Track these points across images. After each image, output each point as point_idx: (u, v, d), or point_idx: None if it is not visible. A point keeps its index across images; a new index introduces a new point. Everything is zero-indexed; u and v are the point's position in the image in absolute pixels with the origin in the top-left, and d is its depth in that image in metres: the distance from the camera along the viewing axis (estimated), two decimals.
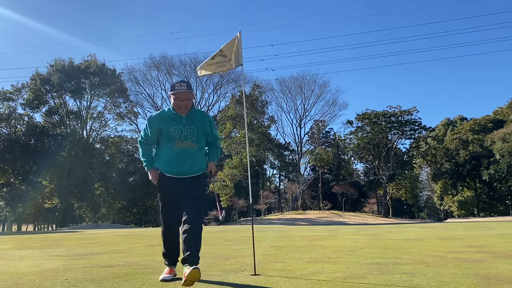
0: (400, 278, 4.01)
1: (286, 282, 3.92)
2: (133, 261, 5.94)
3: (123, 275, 4.50)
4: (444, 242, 8.22)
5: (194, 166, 4.16)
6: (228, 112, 56.19)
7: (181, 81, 4.13)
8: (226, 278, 4.19)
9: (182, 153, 4.09)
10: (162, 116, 4.19)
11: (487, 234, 10.46)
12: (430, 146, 58.74)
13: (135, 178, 55.86)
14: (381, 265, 4.95)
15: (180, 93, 4.04)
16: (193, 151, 4.11)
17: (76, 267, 5.29)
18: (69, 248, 8.98)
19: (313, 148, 64.52)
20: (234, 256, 6.26)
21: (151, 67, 54.16)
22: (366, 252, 6.55)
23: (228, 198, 55.81)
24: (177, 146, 4.08)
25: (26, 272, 4.94)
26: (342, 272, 4.43)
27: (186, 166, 4.11)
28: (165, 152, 4.16)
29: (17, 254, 7.73)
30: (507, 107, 66.06)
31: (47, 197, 51.14)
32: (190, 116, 4.14)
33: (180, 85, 4.07)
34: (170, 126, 4.09)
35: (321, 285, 3.75)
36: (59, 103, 52.91)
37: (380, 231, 13.13)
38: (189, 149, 4.09)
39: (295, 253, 6.62)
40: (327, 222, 38.68)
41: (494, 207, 59.32)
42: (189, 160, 4.13)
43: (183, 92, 4.04)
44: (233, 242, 9.46)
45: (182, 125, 4.09)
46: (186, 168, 4.12)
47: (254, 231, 5.56)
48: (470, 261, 5.17)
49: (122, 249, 8.18)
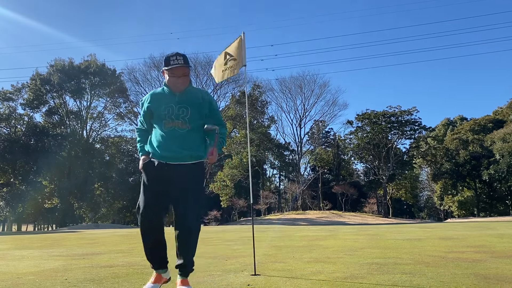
0: (400, 278, 4.01)
1: (286, 282, 3.92)
2: (133, 261, 5.94)
3: (123, 275, 4.50)
4: (444, 242, 8.21)
5: (186, 149, 3.41)
6: (228, 112, 56.20)
7: (176, 54, 3.44)
8: (226, 278, 4.19)
9: (171, 133, 3.42)
10: (154, 95, 3.61)
11: (487, 234, 10.45)
12: (430, 146, 58.76)
13: (135, 178, 55.86)
14: (381, 265, 4.95)
15: (176, 69, 3.42)
16: (184, 132, 3.42)
17: (76, 267, 5.29)
18: (69, 248, 8.98)
19: (313, 148, 64.56)
20: (234, 256, 6.25)
21: (151, 67, 54.20)
22: (366, 252, 6.54)
23: (228, 198, 55.82)
24: (166, 126, 3.44)
25: (26, 272, 4.93)
26: (342, 272, 4.43)
27: (176, 149, 3.39)
28: (155, 134, 3.53)
29: (17, 254, 7.73)
30: (507, 107, 66.08)
31: (47, 197, 51.14)
32: (185, 94, 3.50)
33: (176, 58, 3.41)
34: (161, 104, 3.48)
35: (321, 285, 3.75)
36: (59, 103, 52.93)
37: (380, 231, 13.13)
38: (179, 129, 3.41)
39: (295, 253, 6.62)
40: (327, 222, 38.68)
41: (494, 207, 59.32)
42: (179, 142, 3.41)
43: (180, 67, 3.42)
44: (233, 242, 9.47)
45: (174, 103, 3.45)
46: (176, 150, 3.39)
47: (254, 231, 5.56)
48: (470, 261, 5.17)
49: (122, 249, 8.18)
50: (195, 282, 3.97)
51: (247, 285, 3.78)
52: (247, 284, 3.85)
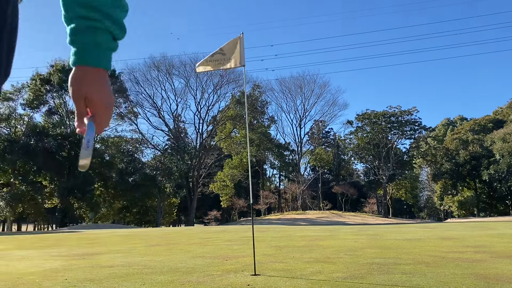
0: (400, 278, 4.01)
1: (286, 282, 3.92)
2: (133, 261, 5.94)
3: (123, 275, 4.50)
4: (444, 242, 8.21)
5: None
6: (228, 112, 56.20)
7: None
8: (226, 278, 4.19)
9: None
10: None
11: (487, 234, 10.44)
12: (430, 146, 58.75)
13: (135, 178, 55.85)
14: (381, 265, 4.94)
15: None
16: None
17: (76, 267, 5.29)
18: (69, 248, 8.97)
19: (313, 148, 64.53)
20: (234, 256, 6.25)
21: (151, 67, 54.21)
22: (366, 252, 6.54)
23: (228, 198, 55.77)
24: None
25: (26, 272, 4.93)
26: (342, 272, 4.43)
27: None
28: None
29: (17, 254, 7.72)
30: (507, 107, 66.07)
31: (47, 197, 51.09)
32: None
33: None
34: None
35: (321, 285, 3.75)
36: (59, 103, 52.91)
37: (380, 231, 13.12)
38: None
39: (295, 253, 6.61)
40: (327, 222, 38.64)
41: (494, 207, 59.28)
42: None
43: None
44: (233, 242, 9.46)
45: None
46: None
47: (254, 231, 5.56)
48: (470, 261, 5.17)
49: (122, 249, 8.18)
50: (195, 282, 3.97)
51: (247, 285, 3.78)
52: (247, 284, 3.85)
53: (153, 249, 7.90)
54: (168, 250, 7.45)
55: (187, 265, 5.20)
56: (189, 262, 5.59)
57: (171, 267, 3.75)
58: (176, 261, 5.70)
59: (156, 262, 5.69)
